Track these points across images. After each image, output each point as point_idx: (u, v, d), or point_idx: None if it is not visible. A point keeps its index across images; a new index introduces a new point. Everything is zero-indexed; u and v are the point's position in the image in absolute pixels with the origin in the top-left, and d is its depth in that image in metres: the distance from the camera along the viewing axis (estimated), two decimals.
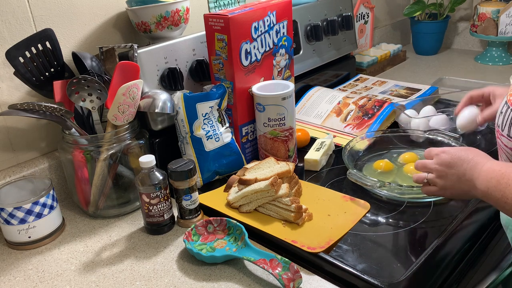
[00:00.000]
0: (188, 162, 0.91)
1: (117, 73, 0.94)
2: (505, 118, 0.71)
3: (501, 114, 0.73)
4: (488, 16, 1.75)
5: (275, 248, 0.84)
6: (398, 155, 1.09)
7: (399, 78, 1.69)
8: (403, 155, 1.08)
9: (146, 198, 0.89)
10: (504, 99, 0.74)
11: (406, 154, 1.08)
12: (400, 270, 0.75)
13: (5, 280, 0.82)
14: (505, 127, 0.72)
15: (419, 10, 1.87)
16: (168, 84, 1.06)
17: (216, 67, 1.07)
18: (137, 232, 0.93)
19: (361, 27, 1.79)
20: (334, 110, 1.33)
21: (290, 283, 0.73)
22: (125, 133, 0.95)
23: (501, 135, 0.74)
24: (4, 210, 0.87)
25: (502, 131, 0.73)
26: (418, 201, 0.93)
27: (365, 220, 0.89)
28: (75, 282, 0.80)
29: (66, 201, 1.07)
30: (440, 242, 0.81)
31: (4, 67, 0.95)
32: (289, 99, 1.04)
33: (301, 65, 1.42)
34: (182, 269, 0.81)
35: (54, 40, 0.93)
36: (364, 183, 0.95)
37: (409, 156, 1.08)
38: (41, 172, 1.02)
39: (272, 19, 1.08)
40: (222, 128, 1.06)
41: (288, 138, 1.08)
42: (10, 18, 0.94)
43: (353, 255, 0.80)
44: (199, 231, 0.88)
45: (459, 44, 2.08)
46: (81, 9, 1.05)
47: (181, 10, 1.07)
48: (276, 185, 0.89)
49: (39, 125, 1.04)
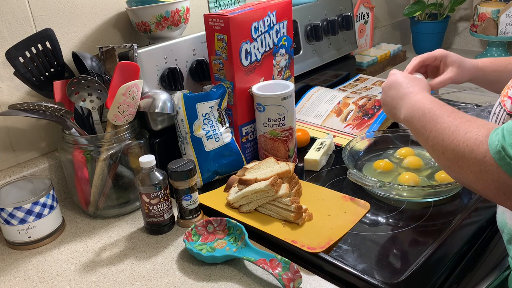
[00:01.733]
0: (188, 162, 0.91)
1: (117, 73, 0.94)
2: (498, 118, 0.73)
3: (495, 115, 0.74)
4: (488, 16, 1.75)
5: (275, 248, 0.84)
6: (394, 152, 1.10)
7: None
8: (399, 150, 1.10)
9: (146, 198, 0.89)
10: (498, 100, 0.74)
11: (402, 149, 1.09)
12: (400, 270, 0.75)
13: (5, 280, 0.82)
14: None
15: (419, 10, 1.87)
16: (168, 84, 1.06)
17: (216, 67, 1.07)
18: (137, 232, 0.93)
19: (361, 27, 1.79)
20: (334, 110, 1.33)
21: (290, 283, 0.73)
22: (125, 133, 0.95)
23: None
24: (4, 210, 0.87)
25: None
26: (418, 201, 0.93)
27: (365, 220, 0.89)
28: (75, 282, 0.80)
29: (66, 201, 1.07)
30: (440, 242, 0.81)
31: (4, 67, 0.96)
32: (289, 99, 1.04)
33: (301, 65, 1.42)
34: (182, 269, 0.81)
35: (54, 40, 0.93)
36: (364, 183, 0.95)
37: (406, 151, 1.09)
38: (41, 172, 1.02)
39: (272, 19, 1.08)
40: (222, 128, 1.06)
41: (288, 138, 1.08)
42: (10, 18, 0.94)
43: (353, 255, 0.80)
44: (199, 231, 0.88)
45: (459, 44, 2.08)
46: (81, 9, 1.05)
47: (181, 10, 1.07)
48: (276, 185, 0.89)
49: (39, 125, 1.04)
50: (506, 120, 0.70)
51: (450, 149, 0.64)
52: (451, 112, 0.69)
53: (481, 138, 0.60)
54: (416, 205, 0.92)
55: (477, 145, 0.61)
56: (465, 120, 0.65)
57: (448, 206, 0.91)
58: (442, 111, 0.70)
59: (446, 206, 0.92)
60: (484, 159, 0.59)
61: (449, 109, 0.70)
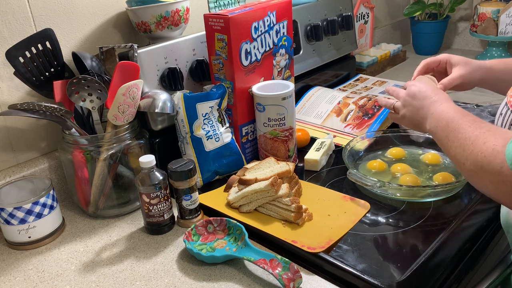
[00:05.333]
0: (188, 162, 0.91)
1: (117, 73, 0.94)
2: (505, 119, 0.73)
3: (501, 116, 0.75)
4: (488, 16, 1.75)
5: (275, 248, 0.84)
6: (384, 152, 1.11)
7: (399, 78, 1.69)
8: (390, 150, 1.11)
9: (146, 198, 0.89)
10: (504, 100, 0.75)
11: (393, 149, 1.10)
12: (400, 270, 0.75)
13: (5, 280, 0.82)
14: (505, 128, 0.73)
15: (419, 10, 1.87)
16: (168, 84, 1.06)
17: (216, 67, 1.07)
18: (137, 232, 0.93)
19: (361, 27, 1.79)
20: (334, 110, 1.33)
21: (290, 283, 0.73)
22: (125, 133, 0.95)
23: None
24: (4, 210, 0.87)
25: None
26: (418, 201, 0.93)
27: (365, 220, 0.89)
28: (75, 282, 0.80)
29: (66, 201, 1.07)
30: (440, 242, 0.81)
31: (4, 67, 0.96)
32: (289, 99, 1.04)
33: (301, 65, 1.42)
34: (182, 269, 0.81)
35: (54, 40, 0.93)
36: (364, 183, 0.95)
37: (396, 151, 1.10)
38: (41, 172, 1.02)
39: (272, 19, 1.08)
40: (222, 128, 1.06)
41: (288, 138, 1.08)
42: (10, 18, 0.94)
43: (353, 255, 0.80)
44: (199, 231, 0.88)
45: (459, 44, 2.08)
46: (81, 9, 1.05)
47: (181, 10, 1.07)
48: (276, 185, 0.89)
49: (39, 125, 1.04)
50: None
51: (471, 160, 0.65)
52: (472, 122, 0.69)
53: (498, 148, 0.60)
54: (416, 205, 0.92)
55: (494, 155, 0.60)
56: (485, 130, 0.65)
57: (448, 206, 0.91)
58: (464, 121, 0.70)
59: (446, 206, 0.92)
60: (501, 169, 0.59)
61: (471, 119, 0.70)
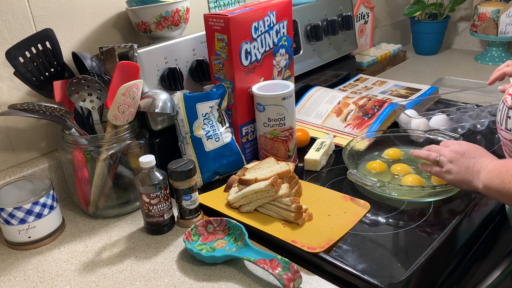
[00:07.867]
0: (188, 162, 0.91)
1: (117, 73, 0.94)
2: (502, 114, 0.81)
3: (499, 112, 0.82)
4: (488, 16, 1.75)
5: (275, 248, 0.84)
6: (380, 152, 1.11)
7: (399, 78, 1.69)
8: (387, 151, 1.11)
9: (146, 198, 0.89)
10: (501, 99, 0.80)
11: (390, 150, 1.11)
12: (400, 270, 0.75)
13: (5, 280, 0.82)
14: (502, 122, 0.82)
15: (419, 10, 1.87)
16: (168, 84, 1.06)
17: (216, 67, 1.07)
18: (137, 232, 0.93)
19: (361, 27, 1.79)
20: (334, 110, 1.33)
21: (290, 283, 0.73)
22: (125, 133, 0.95)
23: (500, 130, 0.83)
24: (4, 210, 0.87)
25: (501, 126, 0.83)
26: (418, 201, 0.93)
27: (365, 220, 0.89)
28: (75, 282, 0.80)
29: (66, 201, 1.07)
30: (440, 242, 0.81)
31: (4, 67, 0.96)
32: (289, 99, 1.04)
33: (301, 65, 1.42)
34: (182, 269, 0.81)
35: (54, 40, 0.93)
36: (364, 183, 0.95)
37: (393, 152, 1.10)
38: (41, 172, 1.02)
39: (272, 19, 1.08)
40: (222, 128, 1.06)
41: (288, 138, 1.08)
42: (10, 18, 0.94)
43: (353, 255, 0.80)
44: (199, 231, 0.88)
45: (459, 44, 2.08)
46: (81, 9, 1.05)
47: (181, 10, 1.07)
48: (276, 185, 0.89)
49: (39, 125, 1.04)
50: (508, 113, 0.79)
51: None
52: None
53: None
54: (416, 205, 0.92)
55: None
56: None
57: (448, 206, 0.91)
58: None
59: (446, 206, 0.92)
60: None
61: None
